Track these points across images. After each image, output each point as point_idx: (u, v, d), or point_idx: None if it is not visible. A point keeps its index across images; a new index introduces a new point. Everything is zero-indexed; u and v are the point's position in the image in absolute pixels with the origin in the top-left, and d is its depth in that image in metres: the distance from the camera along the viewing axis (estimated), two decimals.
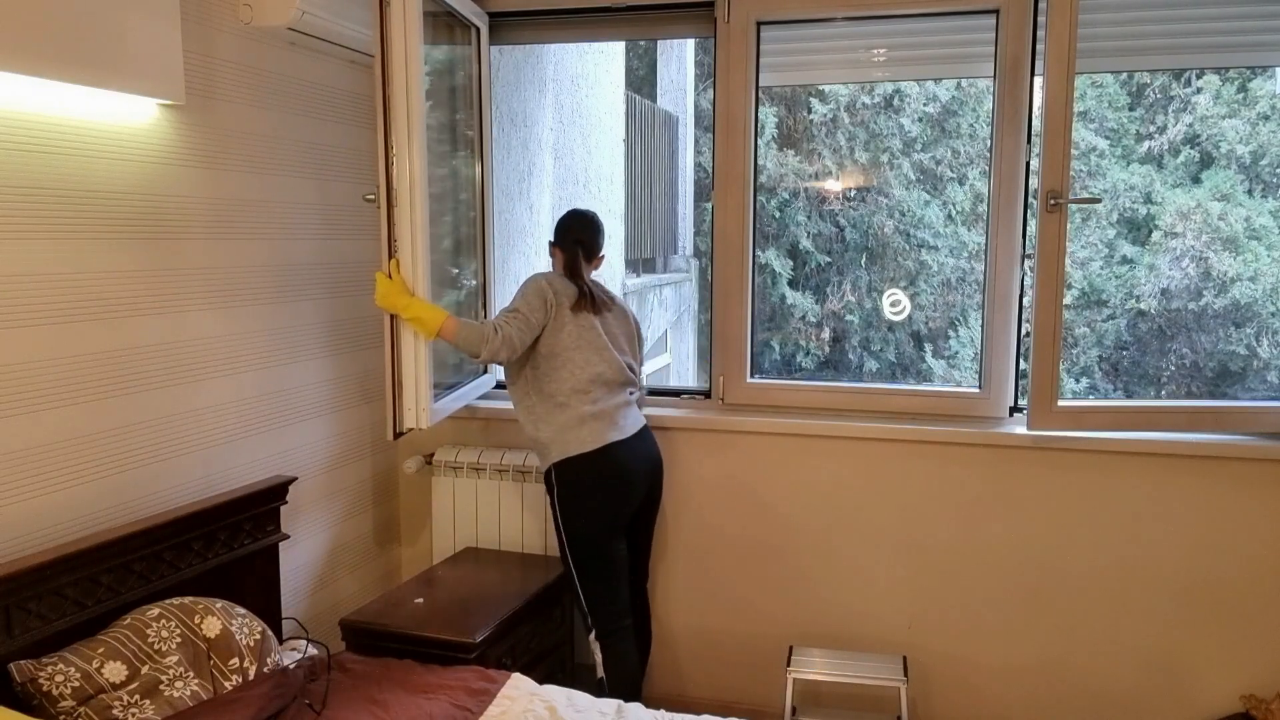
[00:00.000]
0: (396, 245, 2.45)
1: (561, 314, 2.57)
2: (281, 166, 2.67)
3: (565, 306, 2.58)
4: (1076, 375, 7.13)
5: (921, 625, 2.91)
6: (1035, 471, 2.77)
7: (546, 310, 2.55)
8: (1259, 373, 6.61)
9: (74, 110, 2.03)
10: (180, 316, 2.34)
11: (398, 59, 2.37)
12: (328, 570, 2.96)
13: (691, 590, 3.08)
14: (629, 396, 2.68)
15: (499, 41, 3.21)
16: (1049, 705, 2.84)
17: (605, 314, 2.67)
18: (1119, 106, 7.41)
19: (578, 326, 2.58)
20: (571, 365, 2.55)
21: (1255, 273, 6.54)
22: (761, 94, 2.97)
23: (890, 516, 2.89)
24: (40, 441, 1.99)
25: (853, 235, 7.80)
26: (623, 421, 2.60)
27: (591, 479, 2.55)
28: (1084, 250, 7.13)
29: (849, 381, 3.16)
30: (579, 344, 2.57)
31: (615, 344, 2.66)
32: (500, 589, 2.76)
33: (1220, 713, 2.72)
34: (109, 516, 2.15)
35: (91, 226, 2.09)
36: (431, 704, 2.10)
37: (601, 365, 2.59)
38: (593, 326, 2.61)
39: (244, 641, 2.12)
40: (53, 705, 1.80)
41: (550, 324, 2.56)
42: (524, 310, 2.53)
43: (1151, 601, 2.74)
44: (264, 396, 2.64)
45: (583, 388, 2.56)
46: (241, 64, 2.50)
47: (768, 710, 2.95)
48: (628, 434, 2.60)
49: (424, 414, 2.53)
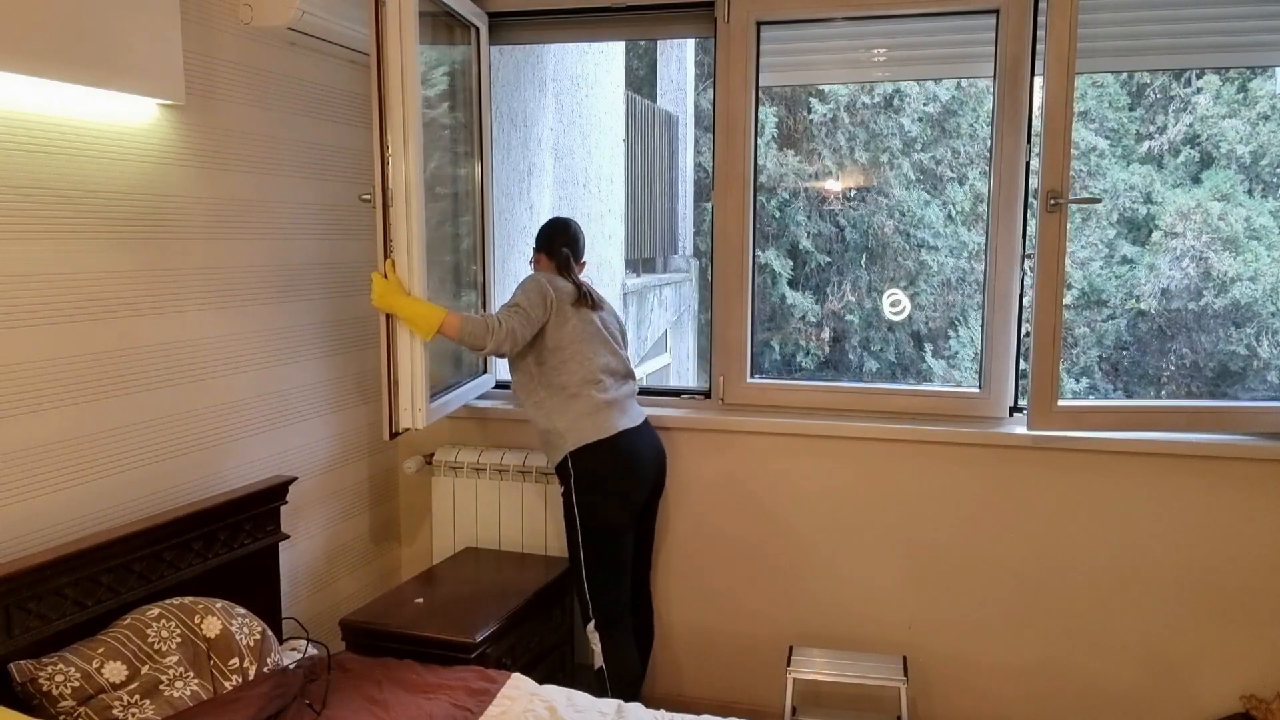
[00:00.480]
0: (392, 245, 2.45)
1: (563, 309, 2.62)
2: (281, 166, 2.67)
3: (566, 303, 2.64)
4: (1076, 375, 7.13)
5: (921, 625, 2.91)
6: (1035, 471, 2.77)
7: (547, 306, 2.59)
8: (1259, 373, 6.61)
9: (74, 110, 2.03)
10: (180, 316, 2.34)
11: (393, 58, 2.37)
12: (328, 570, 2.96)
13: (691, 590, 3.08)
14: (634, 390, 2.78)
15: (499, 41, 3.21)
16: (1049, 705, 2.84)
17: (601, 311, 2.75)
18: (1119, 106, 7.41)
19: (581, 321, 2.64)
20: (580, 357, 2.61)
21: (1255, 273, 6.54)
22: (761, 94, 2.97)
23: (890, 516, 2.89)
24: (40, 441, 1.99)
25: (853, 235, 7.80)
26: (632, 413, 2.69)
27: (609, 465, 2.60)
28: (1084, 250, 7.13)
29: (849, 381, 3.16)
30: (585, 337, 2.63)
31: (613, 337, 2.75)
32: (500, 589, 2.76)
33: (1220, 713, 2.72)
34: (109, 516, 2.15)
35: (91, 226, 2.09)
36: (431, 704, 2.10)
37: (608, 356, 2.68)
38: (593, 321, 2.68)
39: (244, 641, 2.12)
40: (53, 705, 1.80)
41: (553, 319, 2.61)
42: (524, 305, 2.56)
43: (1151, 601, 2.74)
44: (263, 397, 2.64)
45: (593, 378, 2.62)
46: (241, 64, 2.50)
47: (768, 710, 2.95)
48: (637, 423, 2.69)
49: (420, 414, 2.53)
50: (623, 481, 2.63)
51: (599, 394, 2.61)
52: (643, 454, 2.68)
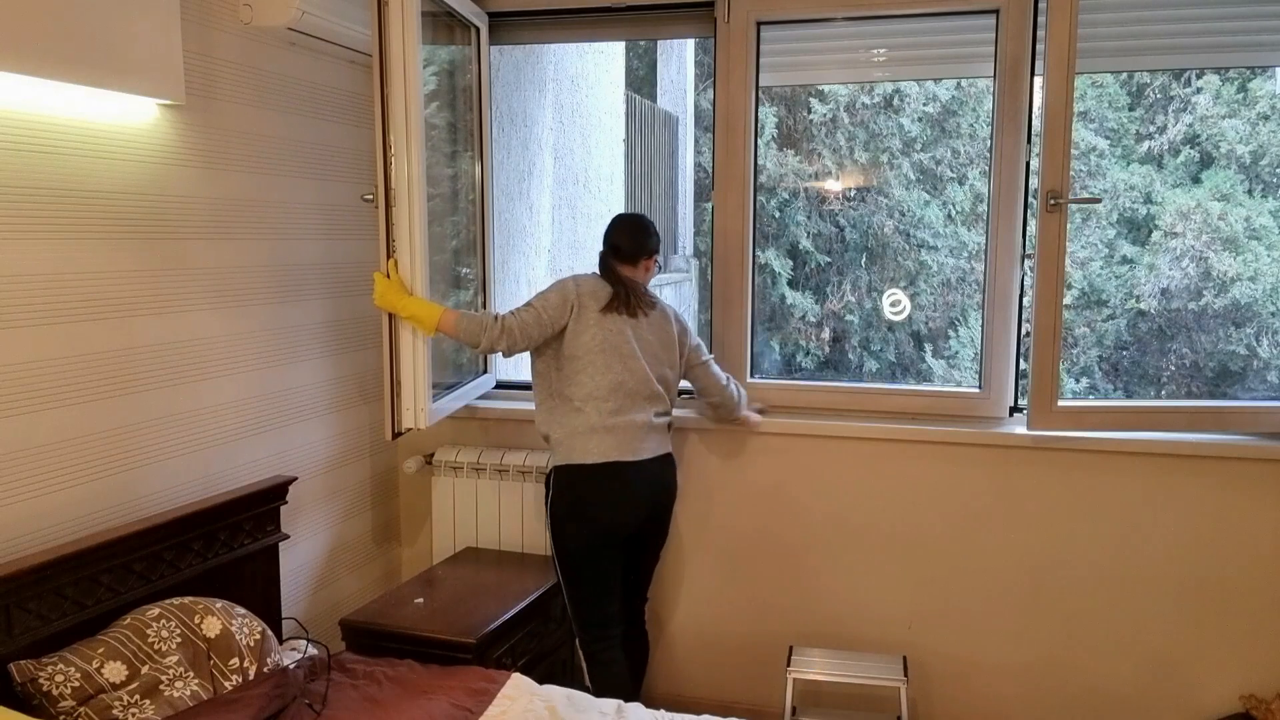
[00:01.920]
0: (395, 245, 2.45)
1: (585, 316, 2.49)
2: (281, 166, 2.67)
3: (592, 308, 2.50)
4: (1076, 375, 7.12)
5: (921, 625, 2.91)
6: (1035, 471, 2.77)
7: (566, 309, 2.49)
8: (1259, 373, 6.61)
9: (74, 110, 2.03)
10: (180, 316, 2.34)
11: (396, 59, 2.37)
12: (328, 570, 2.96)
13: (691, 590, 3.08)
14: (654, 418, 2.56)
15: (499, 41, 3.21)
16: (1049, 705, 2.84)
17: (641, 318, 2.56)
18: (1119, 106, 7.40)
19: (603, 330, 2.49)
20: (592, 369, 2.48)
21: (1255, 273, 6.54)
22: (761, 94, 2.97)
23: (890, 516, 2.89)
24: (40, 441, 1.99)
25: (853, 235, 7.79)
26: (637, 444, 2.51)
27: (586, 491, 2.50)
28: (1084, 250, 7.12)
29: (849, 381, 3.16)
30: (602, 348, 2.48)
31: (646, 351, 2.55)
32: (500, 589, 2.75)
33: (1220, 713, 2.72)
34: (109, 516, 2.15)
35: (91, 226, 2.09)
36: (431, 704, 2.10)
37: (624, 373, 2.50)
38: (620, 331, 2.51)
39: (244, 641, 2.12)
40: (53, 705, 1.80)
41: (572, 324, 2.49)
42: (537, 305, 2.50)
43: (1151, 601, 2.74)
44: (264, 396, 2.64)
45: (601, 395, 2.48)
46: (241, 64, 2.50)
47: (768, 710, 2.95)
48: (640, 457, 2.51)
49: (422, 414, 2.53)
50: (599, 512, 2.50)
51: (598, 415, 2.47)
52: (630, 491, 2.51)
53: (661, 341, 2.60)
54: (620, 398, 2.50)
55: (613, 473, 2.49)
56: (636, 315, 2.54)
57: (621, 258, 2.61)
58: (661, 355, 2.60)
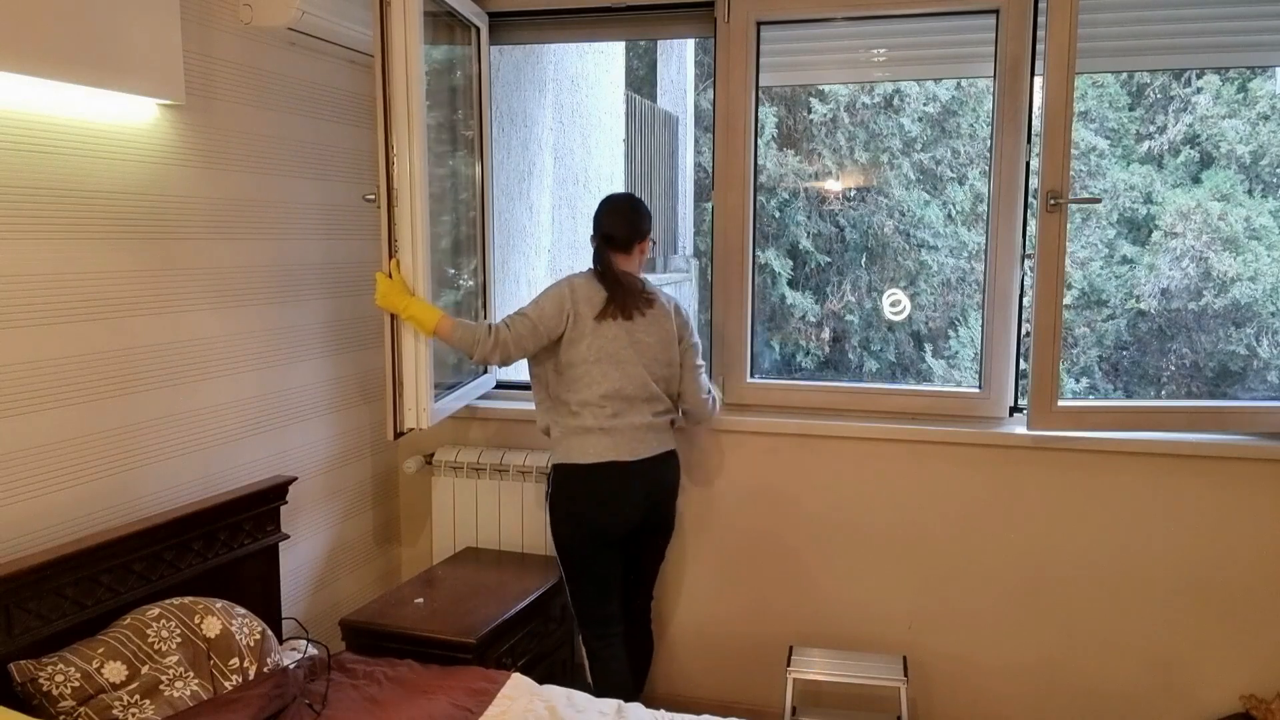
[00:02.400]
0: (397, 245, 2.45)
1: (581, 325, 2.46)
2: (281, 166, 2.67)
3: (587, 316, 2.46)
4: (1077, 375, 7.12)
5: (921, 625, 2.91)
6: (1035, 471, 2.77)
7: (562, 318, 2.46)
8: (1259, 373, 6.61)
9: (74, 110, 2.03)
10: (180, 316, 2.34)
11: (398, 58, 2.37)
12: (328, 570, 2.96)
13: (691, 589, 3.08)
14: (654, 418, 2.54)
15: (499, 41, 3.21)
16: (1049, 705, 2.84)
17: (638, 318, 2.50)
18: (1119, 106, 7.40)
19: (598, 338, 2.46)
20: (588, 379, 2.46)
21: (1255, 273, 6.54)
22: (761, 94, 2.97)
23: (890, 516, 2.89)
24: (40, 441, 1.99)
25: (853, 235, 7.79)
26: (635, 444, 2.49)
27: (582, 490, 2.50)
28: (1084, 250, 7.12)
29: (849, 381, 3.16)
30: (598, 357, 2.45)
31: (645, 354, 2.51)
32: (500, 589, 2.75)
33: (1220, 713, 2.72)
34: (109, 516, 2.15)
35: (91, 226, 2.09)
36: (431, 704, 2.10)
37: (620, 380, 2.47)
38: (616, 338, 2.47)
39: (244, 641, 2.12)
40: (53, 705, 1.80)
41: (568, 334, 2.46)
42: (532, 315, 2.46)
43: (1152, 601, 2.74)
44: (264, 396, 2.64)
45: (596, 403, 2.46)
46: (241, 64, 2.50)
47: (768, 710, 2.95)
48: (638, 456, 2.49)
49: (424, 414, 2.53)
50: (595, 511, 2.49)
51: (594, 419, 2.46)
52: (627, 489, 2.49)
53: (660, 340, 2.55)
54: (617, 403, 2.48)
55: (610, 472, 2.48)
56: (633, 317, 2.50)
57: (616, 246, 2.55)
58: (660, 355, 2.55)
